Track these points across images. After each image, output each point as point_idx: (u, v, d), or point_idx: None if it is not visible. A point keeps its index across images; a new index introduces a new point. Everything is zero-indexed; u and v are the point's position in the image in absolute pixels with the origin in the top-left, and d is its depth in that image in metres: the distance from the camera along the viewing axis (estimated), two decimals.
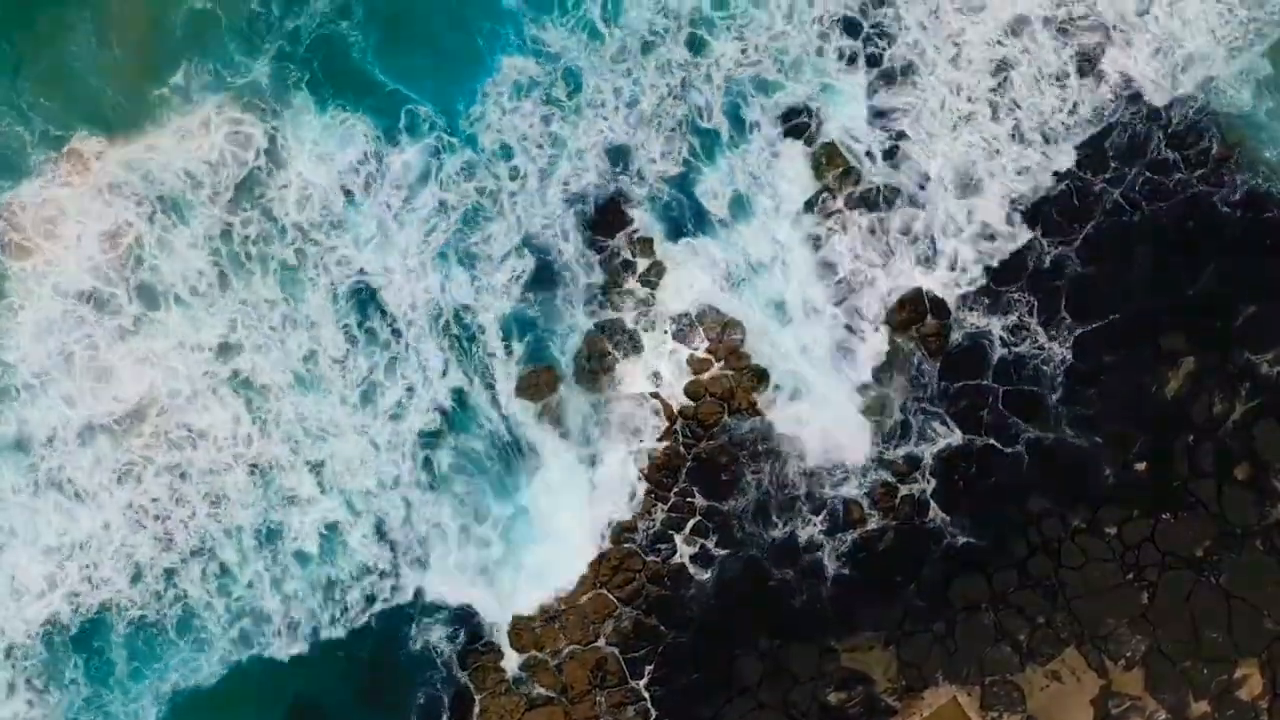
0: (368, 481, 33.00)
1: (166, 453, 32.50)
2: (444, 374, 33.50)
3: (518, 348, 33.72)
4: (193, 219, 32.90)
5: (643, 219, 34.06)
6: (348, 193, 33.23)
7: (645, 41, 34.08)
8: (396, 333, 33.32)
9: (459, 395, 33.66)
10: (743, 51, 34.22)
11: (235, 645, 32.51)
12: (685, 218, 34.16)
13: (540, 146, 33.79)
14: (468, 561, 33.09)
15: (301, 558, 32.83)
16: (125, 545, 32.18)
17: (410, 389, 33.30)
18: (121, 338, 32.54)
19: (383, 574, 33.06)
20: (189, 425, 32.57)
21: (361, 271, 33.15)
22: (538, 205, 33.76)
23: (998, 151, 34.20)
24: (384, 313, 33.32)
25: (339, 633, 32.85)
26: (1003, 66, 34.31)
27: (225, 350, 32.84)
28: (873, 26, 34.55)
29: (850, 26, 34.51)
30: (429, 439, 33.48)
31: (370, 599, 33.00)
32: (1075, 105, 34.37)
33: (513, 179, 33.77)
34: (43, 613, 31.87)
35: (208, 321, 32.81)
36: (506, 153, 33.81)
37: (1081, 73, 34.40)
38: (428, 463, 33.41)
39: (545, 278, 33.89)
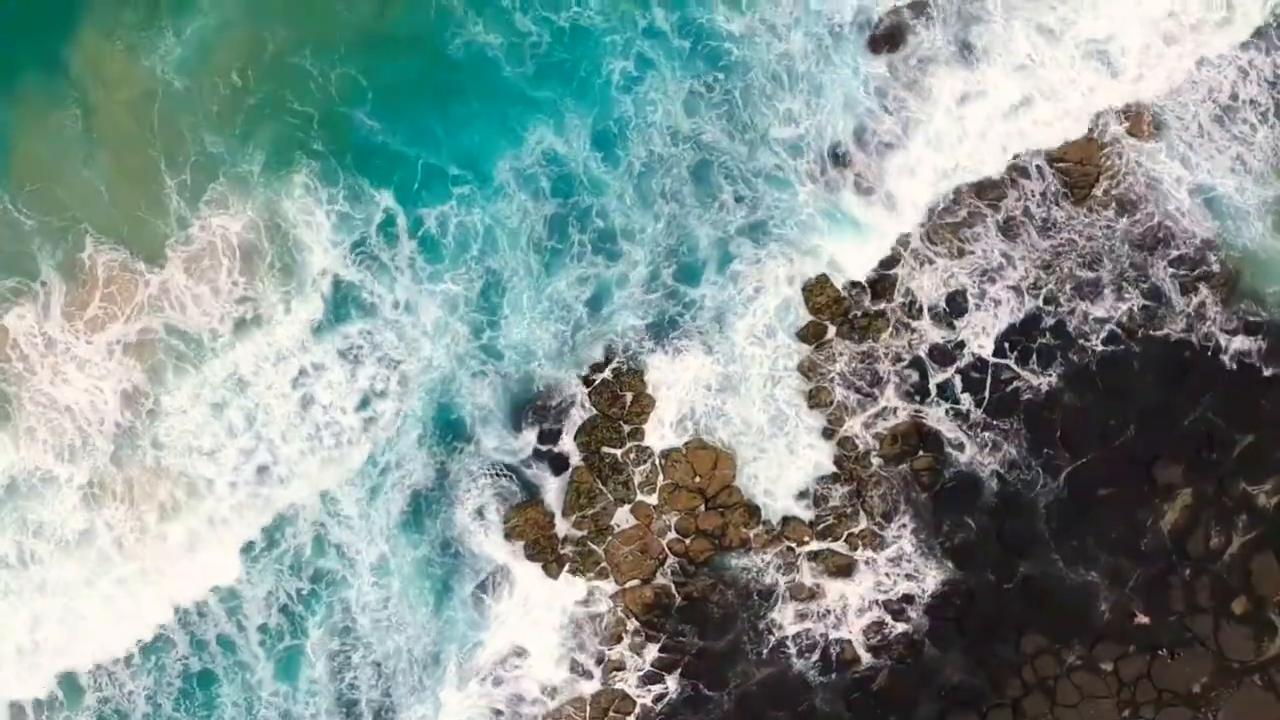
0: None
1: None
2: (434, 501, 33.21)
3: (507, 483, 33.29)
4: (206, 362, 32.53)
5: (631, 349, 33.49)
6: (371, 262, 32.64)
7: (656, 160, 33.46)
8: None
9: (446, 521, 33.29)
10: (738, 187, 33.61)
11: None
12: (674, 349, 33.56)
13: (537, 251, 33.25)
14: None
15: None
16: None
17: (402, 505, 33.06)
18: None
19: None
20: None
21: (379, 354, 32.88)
22: (527, 329, 33.30)
23: (991, 280, 33.69)
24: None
25: None
26: (995, 190, 33.73)
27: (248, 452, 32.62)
28: (863, 158, 33.90)
29: (841, 157, 33.87)
30: (419, 559, 33.22)
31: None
32: (1071, 230, 33.83)
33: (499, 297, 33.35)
34: None
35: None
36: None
37: (1076, 199, 33.86)
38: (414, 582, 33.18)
39: (533, 411, 33.39)
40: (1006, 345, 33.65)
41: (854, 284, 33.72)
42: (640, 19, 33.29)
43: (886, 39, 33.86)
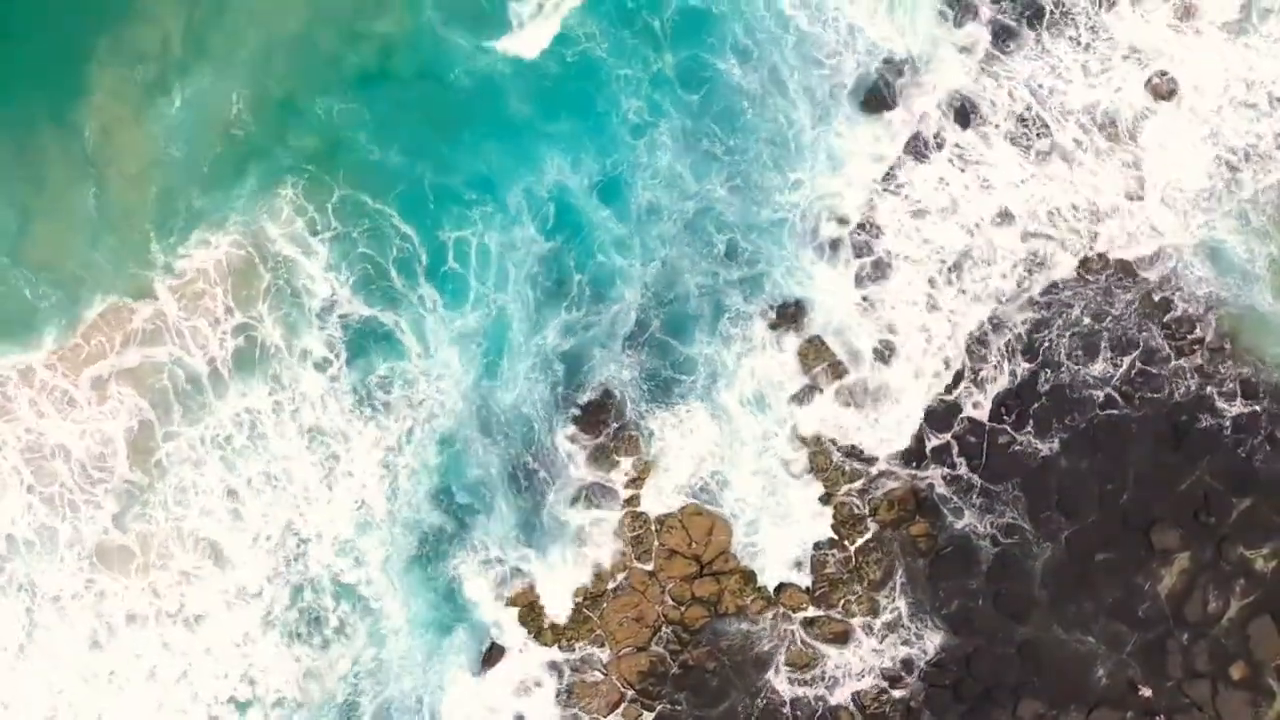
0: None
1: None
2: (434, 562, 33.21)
3: (504, 554, 33.12)
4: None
5: (628, 414, 33.29)
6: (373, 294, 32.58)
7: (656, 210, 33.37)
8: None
9: (449, 590, 33.18)
10: (734, 242, 33.43)
11: None
12: (672, 414, 33.37)
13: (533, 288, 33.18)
14: None
15: None
16: None
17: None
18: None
19: None
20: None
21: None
22: (526, 404, 33.19)
23: (986, 345, 33.49)
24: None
25: None
26: (990, 260, 33.55)
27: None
28: (860, 222, 33.71)
29: (840, 219, 33.68)
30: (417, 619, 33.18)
31: None
32: (1068, 291, 33.66)
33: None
34: None
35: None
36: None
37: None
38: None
39: (530, 479, 33.21)
40: (1003, 409, 33.43)
41: (852, 347, 33.49)
42: (652, 62, 33.23)
43: (880, 101, 33.66)
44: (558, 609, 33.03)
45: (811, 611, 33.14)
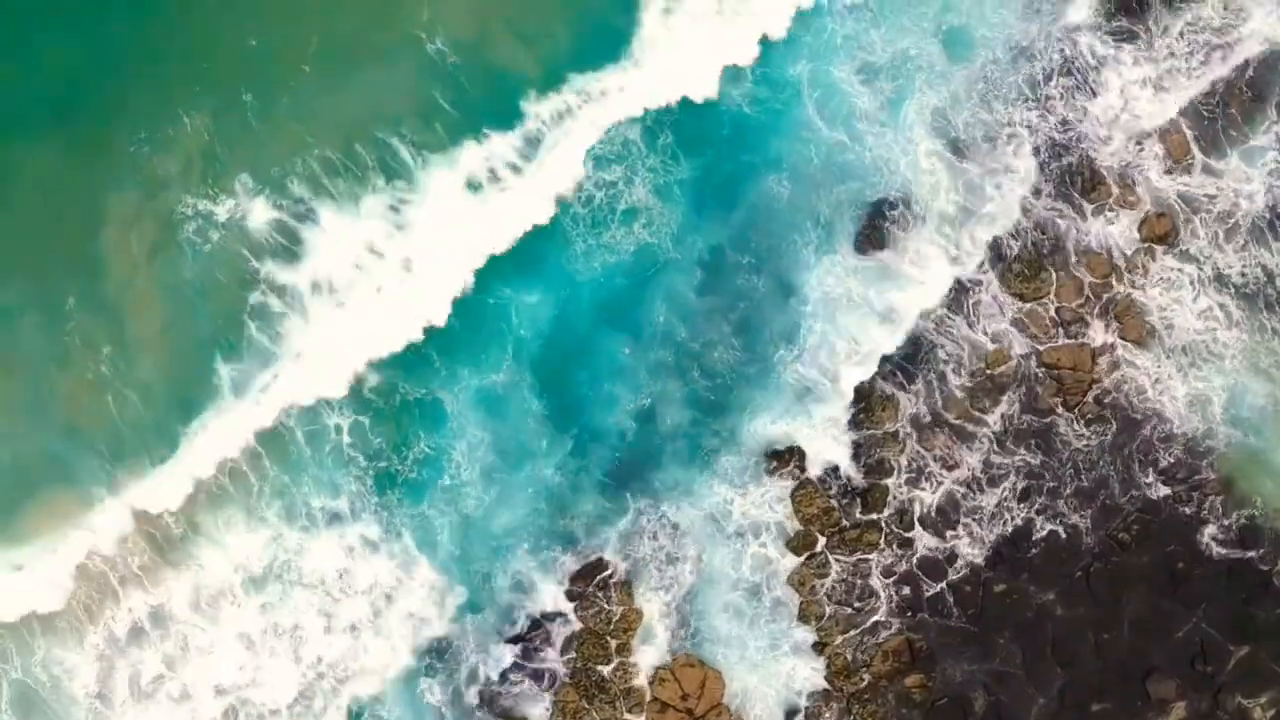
0: None
1: None
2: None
3: (491, 699, 32.72)
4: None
5: (619, 563, 32.91)
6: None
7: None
8: None
9: None
10: (730, 380, 33.20)
11: None
12: (664, 562, 33.01)
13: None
14: None
15: None
16: None
17: None
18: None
19: None
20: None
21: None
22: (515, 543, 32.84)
23: (981, 492, 33.16)
24: None
25: None
26: (986, 396, 33.24)
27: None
28: (851, 355, 33.42)
29: (832, 353, 33.35)
30: None
31: None
32: (1063, 438, 33.32)
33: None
34: None
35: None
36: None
37: (1067, 405, 33.34)
38: None
39: (521, 630, 32.83)
40: (999, 556, 33.08)
41: (844, 493, 33.13)
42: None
43: (876, 240, 33.32)
44: None
45: None
